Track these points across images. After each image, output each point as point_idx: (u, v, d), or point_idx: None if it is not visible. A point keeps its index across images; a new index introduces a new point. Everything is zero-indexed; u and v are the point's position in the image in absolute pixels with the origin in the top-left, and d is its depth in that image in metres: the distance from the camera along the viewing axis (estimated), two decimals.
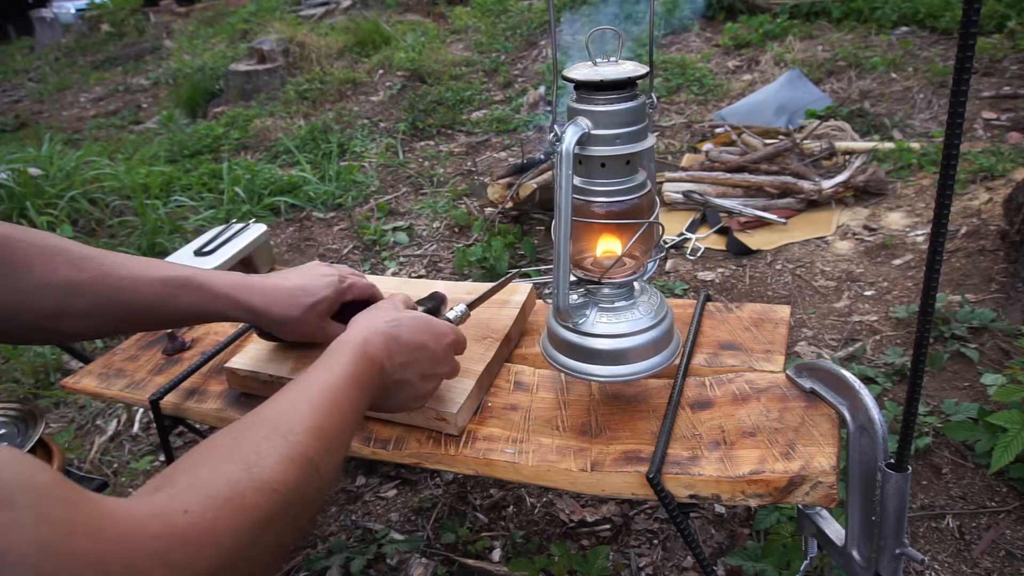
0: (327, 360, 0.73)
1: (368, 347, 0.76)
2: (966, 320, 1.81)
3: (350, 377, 0.71)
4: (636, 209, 0.83)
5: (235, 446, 0.57)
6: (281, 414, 0.63)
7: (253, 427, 0.60)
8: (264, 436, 0.59)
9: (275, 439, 0.59)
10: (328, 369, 0.71)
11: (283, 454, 0.57)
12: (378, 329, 0.79)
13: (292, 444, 0.59)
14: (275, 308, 0.90)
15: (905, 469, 0.74)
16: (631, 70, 0.78)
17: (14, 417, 1.34)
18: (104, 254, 0.82)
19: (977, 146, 2.82)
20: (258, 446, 0.57)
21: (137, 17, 8.05)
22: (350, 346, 0.75)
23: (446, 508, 1.52)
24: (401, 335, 0.80)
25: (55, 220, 2.96)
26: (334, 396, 0.68)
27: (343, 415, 0.67)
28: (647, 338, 0.85)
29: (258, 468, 0.55)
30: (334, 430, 0.65)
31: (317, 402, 0.66)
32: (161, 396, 1.10)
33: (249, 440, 0.58)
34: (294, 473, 0.57)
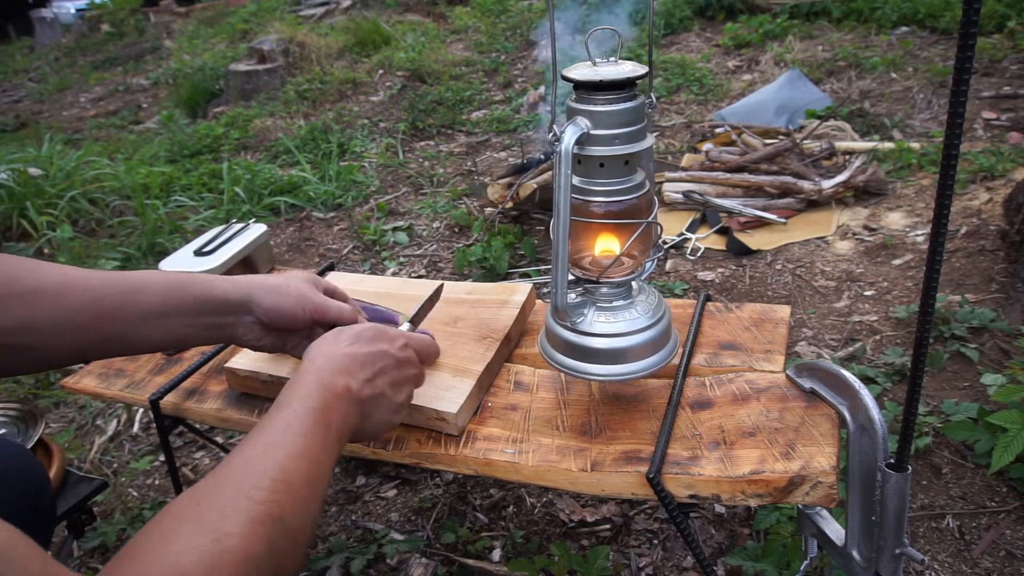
0: (289, 399, 0.69)
1: (327, 374, 0.72)
2: (966, 320, 1.80)
3: (314, 412, 0.67)
4: (634, 209, 0.83)
5: (201, 513, 0.55)
6: (246, 468, 0.60)
7: (217, 488, 0.57)
8: (230, 499, 0.56)
9: (240, 501, 0.56)
10: (290, 408, 0.67)
11: (250, 517, 0.55)
12: (332, 352, 0.75)
13: (258, 504, 0.56)
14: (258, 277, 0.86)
15: (905, 469, 0.74)
16: (630, 70, 0.78)
17: (14, 417, 1.35)
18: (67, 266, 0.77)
19: (977, 146, 2.82)
20: (224, 511, 0.55)
21: (137, 17, 8.05)
22: (308, 377, 0.71)
23: (446, 508, 1.52)
24: (357, 350, 0.76)
25: (55, 220, 2.96)
26: (303, 439, 0.64)
27: (312, 459, 0.64)
28: (645, 337, 0.86)
29: (227, 537, 0.53)
30: (304, 478, 0.62)
31: (282, 450, 0.62)
32: (161, 396, 1.10)
33: (215, 505, 0.56)
34: (264, 537, 0.55)
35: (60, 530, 1.26)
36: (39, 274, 0.72)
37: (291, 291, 0.85)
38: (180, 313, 0.80)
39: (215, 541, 0.52)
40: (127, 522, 1.56)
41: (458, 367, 1.00)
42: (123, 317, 0.76)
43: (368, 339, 0.79)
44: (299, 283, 0.87)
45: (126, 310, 0.76)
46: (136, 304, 0.77)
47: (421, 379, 0.86)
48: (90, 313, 0.74)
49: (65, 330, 0.73)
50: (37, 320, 0.71)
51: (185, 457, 1.76)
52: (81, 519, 1.19)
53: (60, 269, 0.75)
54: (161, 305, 0.78)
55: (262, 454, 0.62)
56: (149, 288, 0.78)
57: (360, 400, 0.74)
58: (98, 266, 2.63)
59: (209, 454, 1.76)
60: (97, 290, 0.74)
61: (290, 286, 0.86)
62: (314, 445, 0.65)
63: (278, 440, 0.64)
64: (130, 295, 0.76)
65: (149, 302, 0.77)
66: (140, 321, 0.77)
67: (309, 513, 0.61)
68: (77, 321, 0.73)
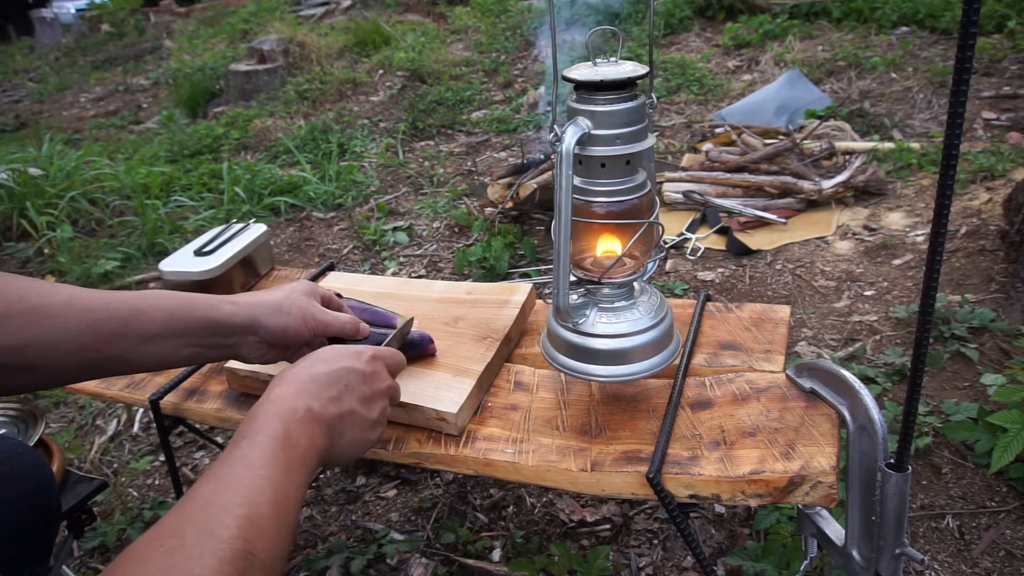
0: (246, 430, 0.66)
1: (286, 400, 0.70)
2: (966, 320, 1.81)
3: (274, 440, 0.65)
4: (636, 209, 0.83)
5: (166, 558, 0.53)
6: (207, 507, 0.58)
7: (183, 527, 0.56)
8: (195, 540, 0.54)
9: (207, 539, 0.54)
10: (247, 440, 0.65)
11: (219, 557, 0.53)
12: (291, 377, 0.73)
13: (225, 540, 0.55)
14: (260, 296, 0.85)
15: (905, 469, 0.74)
16: (631, 70, 0.78)
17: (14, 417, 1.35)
18: (70, 286, 0.76)
19: (977, 146, 2.82)
20: (190, 554, 0.53)
21: (137, 17, 8.05)
22: (265, 407, 0.69)
23: (446, 508, 1.52)
24: (317, 371, 0.74)
25: (55, 220, 2.96)
26: (266, 471, 0.62)
27: (277, 488, 0.61)
28: (647, 338, 0.86)
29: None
30: (270, 510, 0.59)
31: (247, 483, 0.60)
32: (161, 396, 1.10)
33: (180, 548, 0.54)
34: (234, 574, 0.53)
35: (60, 530, 1.26)
36: (42, 293, 0.72)
37: (294, 310, 0.85)
38: (184, 334, 0.79)
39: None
40: (127, 522, 1.56)
41: (458, 367, 1.00)
42: (126, 338, 0.75)
43: (327, 359, 0.77)
44: (300, 298, 0.87)
45: (129, 331, 0.75)
46: (139, 325, 0.76)
47: (395, 392, 0.83)
48: (92, 334, 0.73)
49: (67, 350, 0.72)
50: (38, 339, 0.70)
51: (185, 457, 1.76)
52: (81, 519, 1.19)
53: (63, 289, 0.74)
54: (164, 327, 0.78)
55: (223, 490, 0.59)
56: (153, 310, 0.77)
57: (325, 420, 0.71)
58: (98, 265, 2.63)
59: (209, 454, 1.76)
60: (100, 311, 0.74)
61: (293, 304, 0.85)
62: (277, 474, 0.62)
63: (238, 474, 0.61)
64: (133, 316, 0.76)
65: (152, 323, 0.77)
66: (143, 342, 0.77)
67: (279, 544, 0.59)
68: (79, 341, 0.72)
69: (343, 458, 0.76)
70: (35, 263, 2.86)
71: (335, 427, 0.72)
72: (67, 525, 1.18)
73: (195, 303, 0.80)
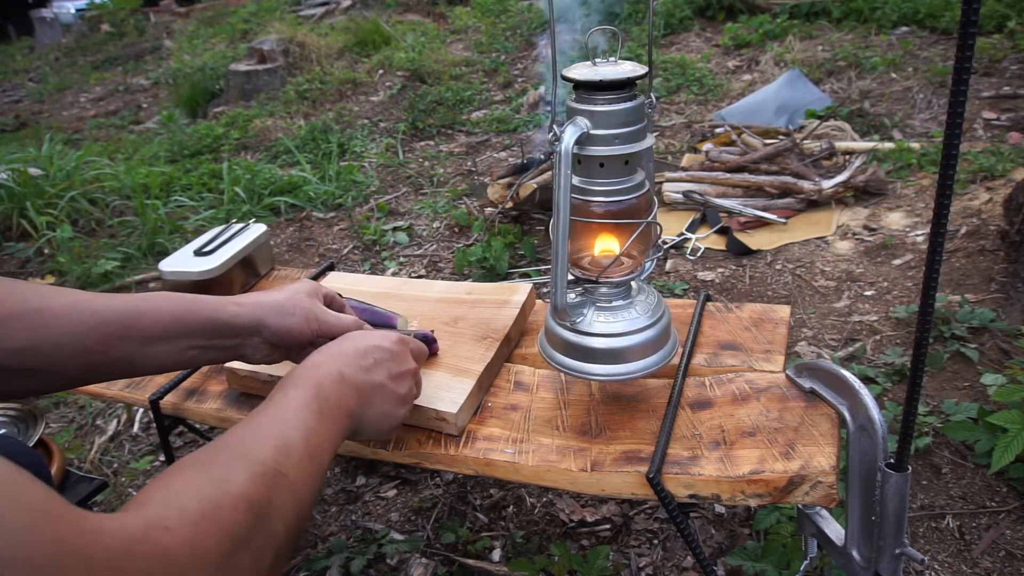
0: (282, 384, 0.71)
1: (320, 366, 0.74)
2: (966, 320, 1.80)
3: (309, 391, 0.69)
4: (634, 209, 0.83)
5: (204, 465, 0.56)
6: (244, 437, 0.61)
7: (219, 449, 0.59)
8: (229, 455, 0.58)
9: (239, 457, 0.58)
10: (283, 394, 0.69)
11: (251, 470, 0.57)
12: (322, 351, 0.78)
13: (258, 460, 0.58)
14: (265, 297, 0.86)
15: (905, 469, 0.74)
16: (630, 70, 0.78)
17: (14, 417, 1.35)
18: (73, 289, 0.76)
19: (977, 146, 2.82)
20: (225, 464, 0.57)
21: (137, 17, 8.05)
22: (302, 368, 0.73)
23: (446, 508, 1.52)
24: (349, 345, 0.79)
25: (55, 220, 2.96)
26: (296, 414, 0.66)
27: (310, 431, 0.65)
28: (644, 337, 0.86)
29: (228, 483, 0.55)
30: (302, 447, 0.63)
31: (280, 421, 0.64)
32: (161, 396, 1.10)
33: (216, 460, 0.57)
34: (264, 487, 0.56)
35: None
36: (44, 297, 0.72)
37: (298, 311, 0.86)
38: (187, 336, 0.79)
39: (215, 484, 0.54)
40: None
41: (458, 367, 1.00)
42: (129, 340, 0.75)
43: (358, 337, 0.81)
44: (303, 299, 0.88)
45: (132, 333, 0.76)
46: (143, 328, 0.76)
47: (418, 377, 0.86)
48: (96, 336, 0.73)
49: (70, 353, 0.72)
50: (42, 343, 0.70)
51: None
52: None
53: (65, 292, 0.74)
54: (168, 328, 0.78)
55: (258, 426, 0.63)
56: (156, 312, 0.77)
57: (356, 385, 0.75)
58: (98, 265, 2.63)
59: None
60: (103, 313, 0.74)
61: (297, 305, 0.86)
62: (310, 419, 0.66)
63: (273, 415, 0.65)
64: (136, 319, 0.76)
65: (156, 326, 0.77)
66: (146, 344, 0.77)
67: (310, 476, 0.62)
68: (83, 344, 0.72)
69: (371, 429, 0.78)
70: (35, 263, 2.86)
71: (365, 394, 0.76)
72: None
73: (199, 304, 0.81)
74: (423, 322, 1.12)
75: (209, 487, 0.53)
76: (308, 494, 0.62)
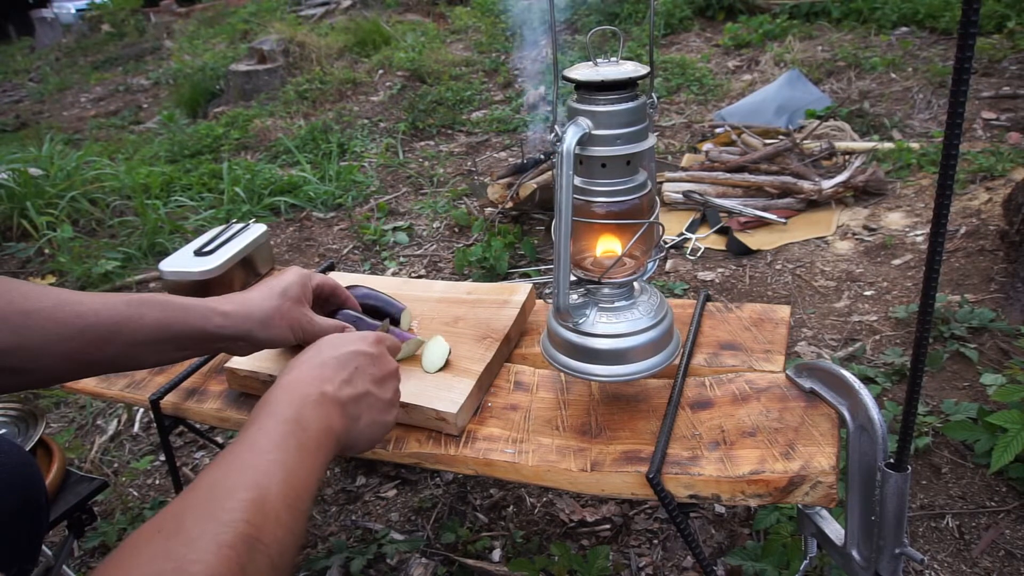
0: (256, 416, 0.65)
1: (298, 386, 0.69)
2: (966, 320, 1.81)
3: (286, 424, 0.63)
4: (636, 209, 0.83)
5: (163, 542, 0.51)
6: (212, 491, 0.55)
7: (185, 512, 0.53)
8: (195, 522, 0.52)
9: (207, 524, 0.52)
10: (259, 427, 0.63)
11: (218, 541, 0.51)
12: (301, 364, 0.73)
13: (227, 524, 0.52)
14: (251, 306, 0.85)
15: (905, 469, 0.74)
16: (631, 70, 0.78)
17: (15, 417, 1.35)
18: (61, 289, 0.75)
19: (977, 146, 2.82)
20: (190, 535, 0.51)
21: (137, 17, 8.05)
22: (281, 390, 0.68)
23: (446, 508, 1.52)
24: (327, 356, 0.74)
25: (55, 220, 2.96)
26: (276, 454, 0.60)
27: (289, 471, 0.59)
28: (647, 338, 0.86)
29: (191, 564, 0.49)
30: (280, 495, 0.57)
31: (256, 465, 0.58)
32: (161, 396, 1.10)
33: (178, 532, 0.51)
34: (235, 560, 0.50)
35: (60, 530, 1.26)
36: (30, 298, 0.71)
37: (284, 323, 0.86)
38: (173, 340, 0.79)
39: (177, 571, 0.48)
40: (127, 522, 1.56)
41: (458, 367, 1.00)
42: (115, 343, 0.75)
43: (335, 344, 0.77)
44: (290, 307, 0.87)
45: (118, 337, 0.75)
46: (130, 332, 0.76)
47: (398, 375, 0.83)
48: (82, 339, 0.73)
49: (56, 353, 0.72)
50: (27, 343, 0.70)
51: (185, 457, 1.76)
52: (81, 519, 1.19)
53: (52, 292, 0.74)
54: (154, 334, 0.77)
55: (229, 475, 0.57)
56: (141, 318, 0.77)
57: (341, 403, 0.71)
58: (98, 265, 2.63)
59: (209, 454, 1.76)
60: (89, 316, 0.73)
61: (283, 316, 0.86)
62: (287, 458, 0.60)
63: (245, 458, 0.59)
64: (123, 323, 0.75)
65: (142, 330, 0.77)
66: (132, 347, 0.76)
67: (289, 530, 0.56)
68: (68, 346, 0.72)
69: (362, 441, 0.75)
70: (35, 263, 2.86)
71: (351, 409, 0.72)
72: (67, 525, 1.18)
73: (186, 311, 0.80)
74: (423, 322, 1.12)
75: (170, 574, 0.48)
76: (288, 552, 0.56)
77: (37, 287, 0.74)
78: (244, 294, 0.87)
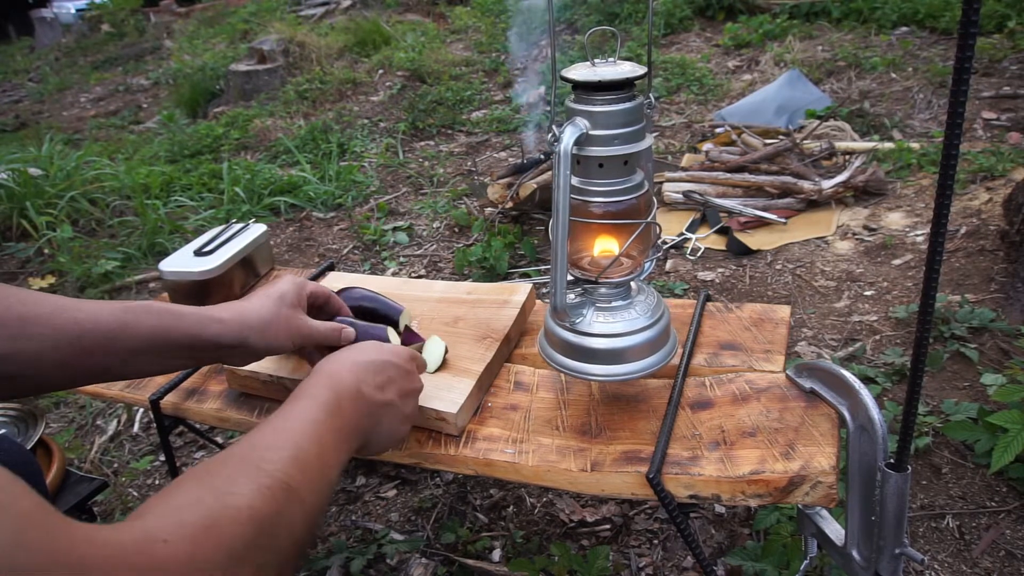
0: (301, 392, 0.70)
1: (340, 376, 0.73)
2: (966, 320, 1.80)
3: (326, 405, 0.68)
4: (633, 209, 0.83)
5: (209, 477, 0.55)
6: (256, 446, 0.60)
7: (227, 459, 0.58)
8: (237, 466, 0.57)
9: (249, 469, 0.56)
10: (301, 400, 0.68)
11: (259, 482, 0.55)
12: (342, 359, 0.77)
13: (268, 472, 0.57)
14: (248, 312, 0.84)
15: (905, 469, 0.74)
16: (629, 71, 0.78)
17: (14, 417, 1.35)
18: (58, 296, 0.75)
19: (977, 146, 2.82)
20: (231, 475, 0.55)
21: (137, 17, 8.05)
22: (321, 377, 0.73)
23: (446, 508, 1.52)
24: (367, 358, 0.78)
25: (55, 220, 2.96)
26: (314, 426, 0.65)
27: (324, 446, 0.64)
28: (644, 337, 0.86)
29: (232, 496, 0.53)
30: (315, 460, 0.62)
31: (296, 431, 0.63)
32: (161, 396, 1.10)
33: (223, 471, 0.56)
34: (271, 501, 0.55)
35: None
36: (27, 304, 0.71)
37: (281, 329, 0.86)
38: (169, 350, 0.79)
39: (218, 497, 0.52)
40: None
41: (458, 367, 1.00)
42: (111, 352, 0.75)
43: (375, 349, 0.81)
44: (288, 313, 0.87)
45: (114, 345, 0.75)
46: (125, 340, 0.76)
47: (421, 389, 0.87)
48: (77, 347, 0.73)
49: (51, 361, 0.72)
50: (22, 351, 0.70)
51: (185, 457, 1.76)
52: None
53: (51, 299, 0.74)
54: (149, 343, 0.77)
55: (273, 434, 0.62)
56: (137, 326, 0.76)
57: (371, 403, 0.75)
58: (98, 265, 2.63)
59: (209, 454, 1.76)
60: (86, 323, 0.73)
61: (281, 323, 0.86)
62: (325, 433, 0.65)
63: (289, 425, 0.64)
64: (120, 330, 0.75)
65: (137, 340, 0.76)
66: (127, 355, 0.77)
67: (320, 490, 0.61)
68: (64, 354, 0.72)
69: (377, 446, 0.79)
70: (35, 263, 2.86)
71: (377, 413, 0.76)
72: None
73: (181, 320, 0.80)
74: (423, 322, 1.12)
75: (211, 499, 0.52)
76: (317, 509, 0.60)
77: (35, 293, 0.74)
78: (240, 302, 0.87)
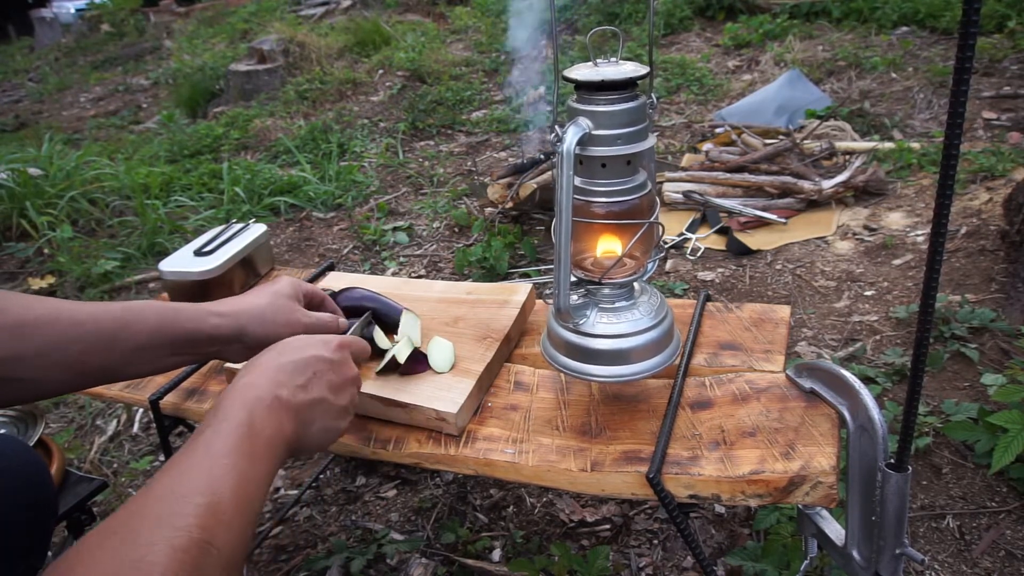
0: (212, 417, 0.65)
1: (253, 389, 0.69)
2: (966, 320, 1.80)
3: (239, 428, 0.64)
4: (636, 209, 0.83)
5: (118, 545, 0.51)
6: (164, 495, 0.56)
7: (137, 516, 0.54)
8: (148, 528, 0.53)
9: (160, 529, 0.53)
10: (213, 430, 0.63)
11: (171, 545, 0.51)
12: (259, 365, 0.73)
13: (181, 530, 0.53)
14: (246, 304, 0.85)
15: (905, 469, 0.74)
16: (631, 70, 0.78)
17: (14, 417, 1.35)
18: (58, 299, 0.76)
19: (977, 146, 2.82)
20: (142, 541, 0.52)
21: (137, 17, 8.05)
22: (232, 396, 0.68)
23: (446, 508, 1.52)
24: (285, 359, 0.74)
25: (55, 220, 2.95)
26: (227, 459, 0.61)
27: (241, 478, 0.60)
28: (647, 338, 0.86)
29: (143, 564, 0.50)
30: (231, 498, 0.58)
31: (206, 470, 0.59)
32: (161, 396, 1.10)
33: (134, 534, 0.52)
34: (189, 563, 0.51)
35: (60, 530, 1.26)
36: (28, 307, 0.72)
37: (279, 317, 0.86)
38: (170, 345, 0.80)
39: (129, 569, 0.49)
40: None
41: (458, 367, 1.00)
42: (112, 351, 0.76)
43: (296, 347, 0.77)
44: (285, 303, 0.87)
45: (115, 345, 0.75)
46: (125, 339, 0.76)
47: (359, 382, 0.83)
48: (78, 348, 0.73)
49: (53, 364, 0.72)
50: (24, 354, 0.70)
51: None
52: (81, 519, 1.19)
53: (49, 303, 0.74)
54: (149, 340, 0.78)
55: (183, 479, 0.58)
56: (138, 323, 0.77)
57: (295, 408, 0.71)
58: (98, 265, 2.63)
59: None
60: (87, 324, 0.74)
61: (278, 311, 0.86)
62: (240, 462, 0.61)
63: (199, 462, 0.60)
64: (120, 330, 0.76)
65: (137, 337, 0.77)
66: (128, 354, 0.77)
67: (240, 534, 0.58)
68: (65, 356, 0.72)
69: (313, 446, 0.75)
70: (35, 263, 2.86)
71: (304, 415, 0.72)
72: (67, 525, 1.18)
73: (179, 315, 0.80)
74: (423, 322, 1.12)
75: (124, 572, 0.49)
76: (238, 554, 0.57)
77: (35, 297, 0.74)
78: (237, 296, 0.88)
